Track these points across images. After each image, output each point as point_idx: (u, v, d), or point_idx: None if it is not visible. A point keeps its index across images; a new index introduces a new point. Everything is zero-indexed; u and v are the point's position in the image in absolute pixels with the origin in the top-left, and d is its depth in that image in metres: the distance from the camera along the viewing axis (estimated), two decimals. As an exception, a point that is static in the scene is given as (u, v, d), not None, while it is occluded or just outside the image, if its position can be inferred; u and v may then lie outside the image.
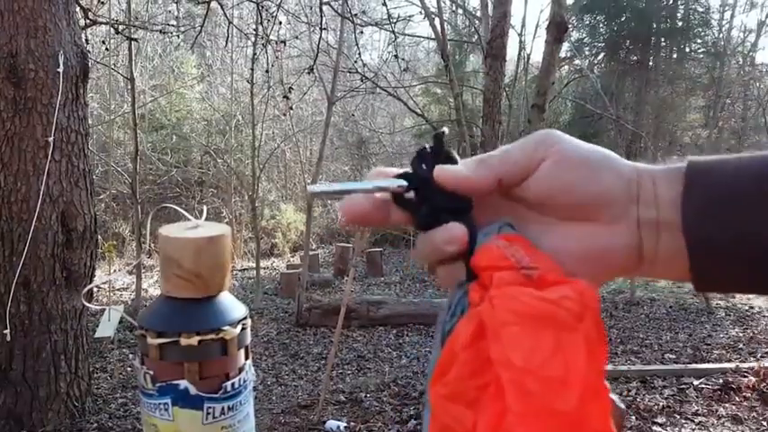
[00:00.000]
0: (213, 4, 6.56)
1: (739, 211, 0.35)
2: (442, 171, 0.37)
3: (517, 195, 0.38)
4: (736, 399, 3.69)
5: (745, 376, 3.90)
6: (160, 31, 8.17)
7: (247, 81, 8.08)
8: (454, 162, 0.38)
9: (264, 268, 9.04)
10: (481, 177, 0.36)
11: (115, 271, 5.69)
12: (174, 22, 9.55)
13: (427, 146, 0.39)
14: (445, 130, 0.39)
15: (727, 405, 3.62)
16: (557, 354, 0.29)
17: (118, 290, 7.12)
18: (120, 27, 6.27)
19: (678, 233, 0.36)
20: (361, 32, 7.17)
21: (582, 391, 0.29)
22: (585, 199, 0.36)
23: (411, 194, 0.38)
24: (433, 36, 9.15)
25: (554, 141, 0.37)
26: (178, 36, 10.18)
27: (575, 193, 0.36)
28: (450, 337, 0.33)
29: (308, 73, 6.63)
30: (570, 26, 11.54)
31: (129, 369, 4.38)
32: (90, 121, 3.81)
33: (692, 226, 0.35)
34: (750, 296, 7.00)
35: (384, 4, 6.89)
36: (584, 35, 15.57)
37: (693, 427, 3.38)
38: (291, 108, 7.67)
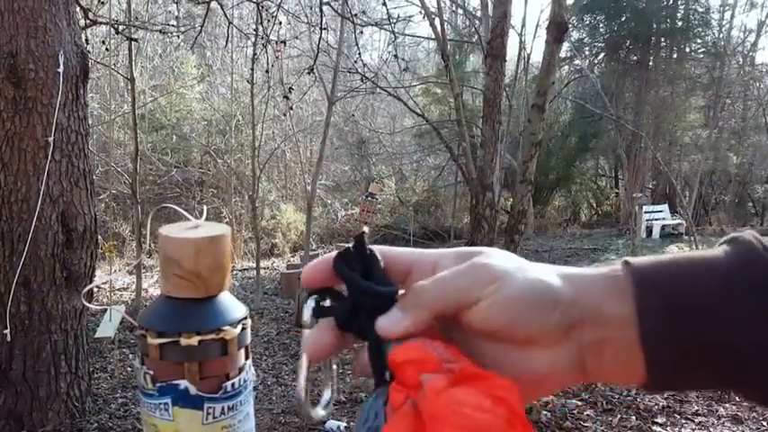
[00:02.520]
0: (213, 4, 6.56)
1: (696, 325, 0.35)
2: (382, 325, 0.36)
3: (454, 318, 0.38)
4: (736, 399, 3.69)
5: (745, 376, 3.90)
6: (160, 31, 8.18)
7: (247, 81, 8.08)
8: (377, 262, 0.38)
9: (264, 268, 9.05)
10: (419, 321, 0.36)
11: (115, 271, 5.69)
12: (174, 22, 9.55)
13: (350, 246, 0.39)
14: (365, 230, 0.40)
15: (727, 405, 3.62)
16: None
17: (118, 290, 7.13)
18: (120, 27, 6.27)
19: (626, 348, 0.36)
20: (361, 32, 7.18)
21: None
22: (523, 335, 0.36)
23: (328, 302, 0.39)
24: (433, 36, 9.16)
25: (489, 280, 0.36)
26: (178, 36, 10.18)
27: (511, 331, 0.36)
28: None
29: (308, 73, 6.64)
30: (570, 26, 11.54)
31: (129, 369, 4.38)
32: (90, 121, 3.81)
33: (651, 344, 0.35)
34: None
35: (384, 4, 6.89)
36: (584, 35, 15.58)
37: (693, 427, 3.39)
38: (291, 108, 7.67)
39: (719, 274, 0.35)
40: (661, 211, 12.50)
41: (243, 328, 0.41)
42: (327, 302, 0.39)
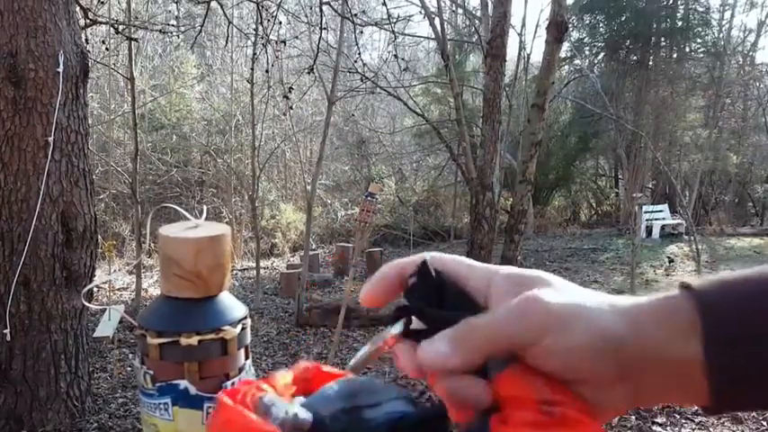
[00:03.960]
0: (213, 4, 6.56)
1: (763, 348, 0.33)
2: (429, 355, 0.35)
3: None
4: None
5: (745, 376, 3.90)
6: (160, 31, 8.18)
7: (247, 81, 8.08)
8: (448, 284, 0.37)
9: (264, 268, 9.05)
10: (467, 363, 0.34)
11: (115, 271, 5.69)
12: (174, 22, 9.55)
13: (415, 279, 0.38)
14: (426, 258, 0.38)
15: (727, 405, 3.62)
16: None
17: (118, 290, 7.13)
18: (120, 27, 6.27)
19: (690, 382, 0.34)
20: (361, 32, 7.18)
21: None
22: (576, 378, 0.35)
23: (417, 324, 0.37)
24: (433, 36, 9.16)
25: (544, 327, 0.34)
26: (178, 36, 10.19)
27: (564, 375, 0.35)
28: None
29: (308, 73, 6.64)
30: (570, 26, 11.53)
31: (129, 369, 4.38)
32: (90, 121, 3.81)
33: (719, 379, 0.34)
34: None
35: (384, 4, 6.89)
36: (584, 35, 15.57)
37: (693, 427, 3.39)
38: (291, 108, 7.68)
39: None
40: (661, 211, 12.49)
41: (243, 328, 0.41)
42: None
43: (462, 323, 0.35)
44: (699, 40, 15.05)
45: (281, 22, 7.07)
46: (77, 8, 4.20)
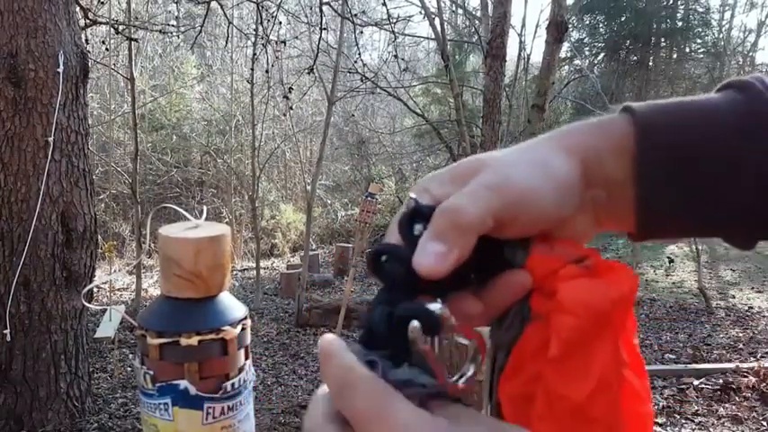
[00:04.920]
0: (213, 4, 6.56)
1: (689, 175, 0.36)
2: (425, 266, 0.32)
3: None
4: (736, 399, 3.69)
5: (745, 376, 3.90)
6: (160, 31, 8.18)
7: (247, 81, 8.07)
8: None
9: (264, 268, 9.04)
10: (466, 251, 0.33)
11: (115, 271, 5.69)
12: (174, 22, 9.55)
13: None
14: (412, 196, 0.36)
15: (727, 405, 3.62)
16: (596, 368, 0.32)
17: (118, 290, 7.12)
18: (120, 27, 6.27)
19: (623, 206, 0.37)
20: (361, 32, 7.18)
21: (595, 384, 0.31)
22: (553, 227, 0.36)
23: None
24: (433, 36, 9.16)
25: (520, 199, 0.34)
26: (178, 36, 10.19)
27: (547, 226, 0.36)
28: (518, 344, 0.34)
29: (308, 73, 6.63)
30: (570, 26, 11.54)
31: (129, 369, 4.38)
32: (90, 121, 3.81)
33: (644, 210, 0.37)
34: (750, 296, 6.99)
35: (384, 4, 6.89)
36: (584, 35, 15.57)
37: (693, 427, 3.38)
38: (291, 108, 7.67)
39: (728, 129, 0.36)
40: (661, 211, 12.49)
41: (243, 328, 0.41)
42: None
43: (437, 215, 0.33)
44: (699, 41, 15.05)
45: (281, 23, 7.07)
46: (77, 8, 4.20)
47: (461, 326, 0.31)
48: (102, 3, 6.00)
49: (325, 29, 6.62)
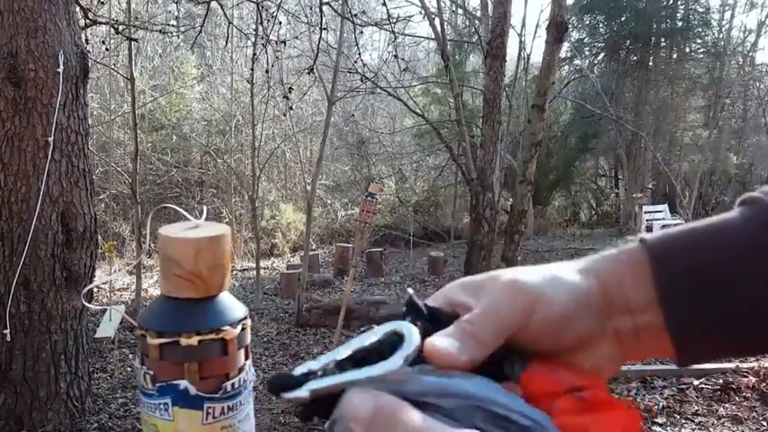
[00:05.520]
0: (213, 4, 6.57)
1: (715, 298, 0.36)
2: (443, 351, 0.34)
3: None
4: (736, 399, 3.69)
5: (745, 376, 3.90)
6: (160, 31, 8.18)
7: (247, 81, 8.08)
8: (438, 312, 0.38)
9: (264, 268, 9.05)
10: (478, 358, 0.35)
11: (115, 271, 5.69)
12: (174, 22, 9.56)
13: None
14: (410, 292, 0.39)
15: (727, 405, 3.62)
16: None
17: (118, 290, 7.13)
18: (120, 27, 6.27)
19: (655, 331, 0.37)
20: (361, 32, 7.18)
21: None
22: (569, 343, 0.37)
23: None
24: (433, 36, 9.16)
25: (530, 303, 0.36)
26: (178, 36, 10.19)
27: (558, 344, 0.37)
28: None
29: (308, 73, 6.64)
30: (570, 26, 11.55)
31: (129, 369, 4.38)
32: (90, 121, 3.81)
33: (676, 328, 0.37)
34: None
35: (384, 4, 6.89)
36: (584, 35, 15.56)
37: (693, 427, 3.38)
38: (291, 108, 7.67)
39: (742, 246, 0.36)
40: (661, 211, 12.47)
41: (243, 329, 0.41)
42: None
43: (458, 321, 0.36)
44: (699, 41, 15.05)
45: (281, 23, 7.07)
46: (77, 8, 4.20)
47: None
48: (102, 3, 6.00)
49: (325, 29, 6.63)
